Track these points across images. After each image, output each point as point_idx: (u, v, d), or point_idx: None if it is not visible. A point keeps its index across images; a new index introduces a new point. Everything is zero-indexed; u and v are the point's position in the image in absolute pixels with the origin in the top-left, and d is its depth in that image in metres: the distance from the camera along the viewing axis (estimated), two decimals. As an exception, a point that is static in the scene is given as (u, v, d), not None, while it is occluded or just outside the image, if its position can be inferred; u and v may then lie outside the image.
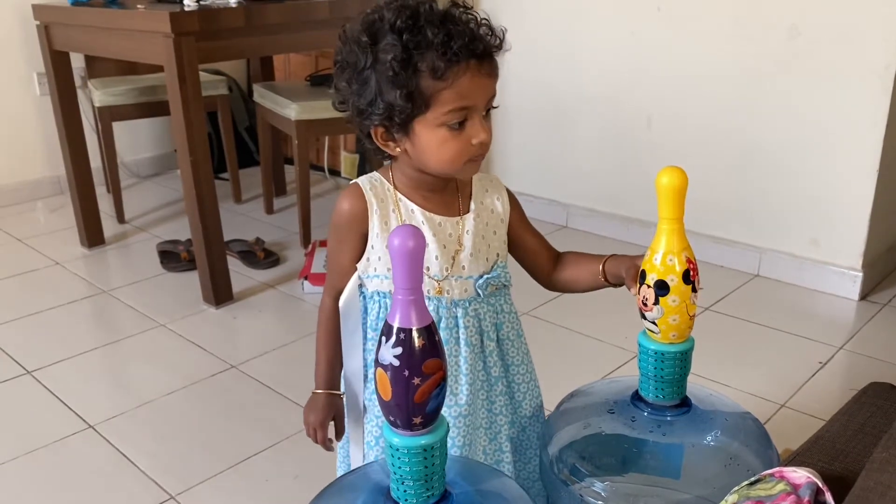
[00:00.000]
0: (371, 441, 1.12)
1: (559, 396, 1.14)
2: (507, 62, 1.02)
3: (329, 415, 1.16)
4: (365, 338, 1.10)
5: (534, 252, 1.16)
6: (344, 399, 1.16)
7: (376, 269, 1.06)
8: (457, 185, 1.09)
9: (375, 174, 1.09)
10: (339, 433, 1.18)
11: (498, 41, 0.98)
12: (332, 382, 1.16)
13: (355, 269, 1.07)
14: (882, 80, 2.25)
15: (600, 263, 1.09)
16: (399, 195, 1.06)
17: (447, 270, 1.06)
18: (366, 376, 1.12)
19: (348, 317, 1.09)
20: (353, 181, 1.08)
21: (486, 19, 0.99)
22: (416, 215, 1.05)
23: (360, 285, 1.08)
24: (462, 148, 0.97)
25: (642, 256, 1.00)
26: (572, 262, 1.15)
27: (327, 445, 1.18)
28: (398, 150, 1.01)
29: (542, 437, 1.07)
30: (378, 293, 1.07)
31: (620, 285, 1.08)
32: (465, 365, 1.07)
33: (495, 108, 1.01)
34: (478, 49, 0.94)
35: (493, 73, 0.98)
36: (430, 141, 0.97)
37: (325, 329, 1.14)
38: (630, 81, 2.82)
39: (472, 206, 1.09)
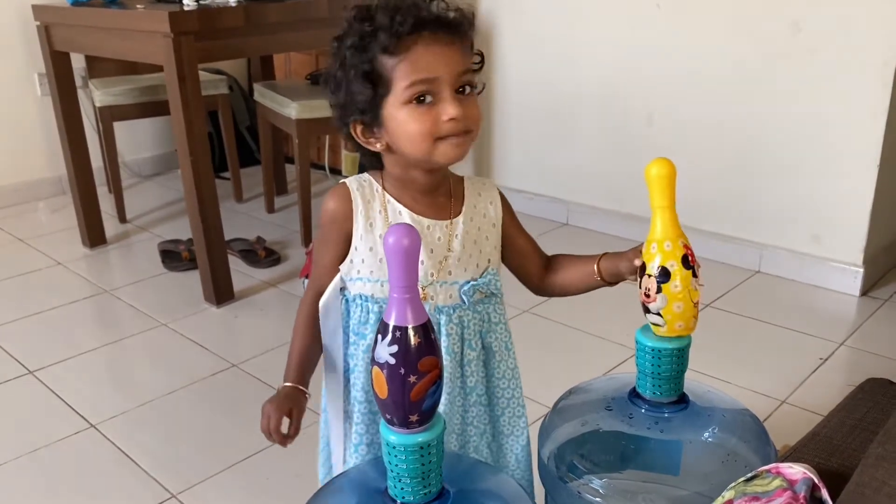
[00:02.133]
0: (350, 449, 1.11)
1: (558, 393, 1.14)
2: (506, 59, 1.02)
3: (285, 406, 1.06)
4: (347, 342, 1.08)
5: (524, 254, 1.13)
6: (323, 400, 1.15)
7: (359, 271, 1.04)
8: (450, 187, 1.07)
9: (365, 175, 1.07)
10: (293, 432, 1.07)
11: (460, 18, 0.97)
12: (299, 378, 1.11)
13: (337, 270, 1.06)
14: (882, 75, 2.25)
15: (594, 263, 1.07)
16: (388, 196, 1.04)
17: (433, 276, 1.03)
18: (347, 380, 1.10)
19: (327, 320, 1.07)
20: (342, 180, 1.07)
21: (459, 8, 0.98)
22: (404, 217, 1.03)
23: (342, 288, 1.07)
24: (430, 124, 0.95)
25: (639, 249, 1.00)
26: (564, 265, 1.12)
27: (279, 437, 1.06)
28: (379, 145, 1.01)
29: (539, 434, 1.08)
30: (360, 296, 1.05)
31: (616, 283, 1.07)
32: (445, 373, 1.04)
33: (479, 90, 0.99)
34: (428, 19, 0.94)
35: (453, 42, 0.96)
36: (400, 122, 0.96)
37: (301, 324, 1.11)
38: (630, 78, 2.82)
39: (464, 209, 1.06)
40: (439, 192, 1.06)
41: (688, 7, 2.61)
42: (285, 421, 1.06)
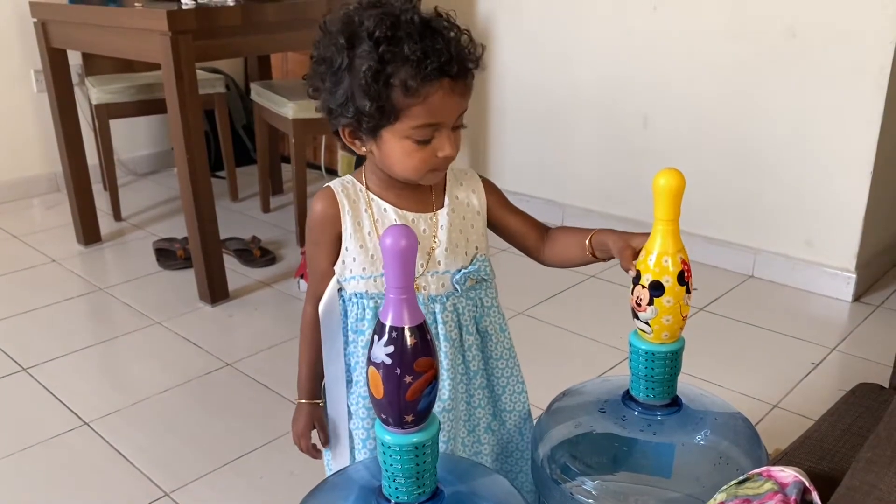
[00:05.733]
0: (359, 445, 1.12)
1: (552, 395, 1.14)
2: (504, 61, 1.03)
3: (310, 424, 1.16)
4: (346, 341, 1.10)
5: (521, 233, 1.15)
6: (327, 409, 1.17)
7: (352, 270, 1.06)
8: None
9: (348, 176, 1.10)
10: (324, 441, 1.18)
11: (474, 62, 0.99)
12: (314, 392, 1.16)
13: (333, 272, 1.07)
14: (876, 80, 2.27)
15: (587, 237, 1.08)
16: (371, 195, 1.07)
17: (422, 267, 1.06)
18: (349, 381, 1.12)
19: (328, 322, 1.09)
20: (326, 185, 1.09)
21: (467, 31, 0.99)
22: (389, 214, 1.06)
23: (340, 289, 1.08)
24: (426, 159, 0.99)
25: (634, 235, 1.01)
26: (561, 238, 1.13)
27: (313, 453, 1.19)
28: (364, 149, 1.03)
29: (533, 435, 1.08)
30: (356, 294, 1.07)
31: (607, 259, 1.07)
32: (446, 360, 1.08)
33: (464, 127, 1.02)
34: (452, 71, 0.94)
35: (465, 92, 0.98)
36: (396, 149, 0.98)
37: (307, 338, 1.14)
38: (626, 81, 2.83)
39: (446, 200, 1.09)
40: (420, 187, 1.08)
41: (684, 11, 2.62)
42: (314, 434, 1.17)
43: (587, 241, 1.07)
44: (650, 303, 0.95)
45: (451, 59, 0.94)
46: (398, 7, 0.95)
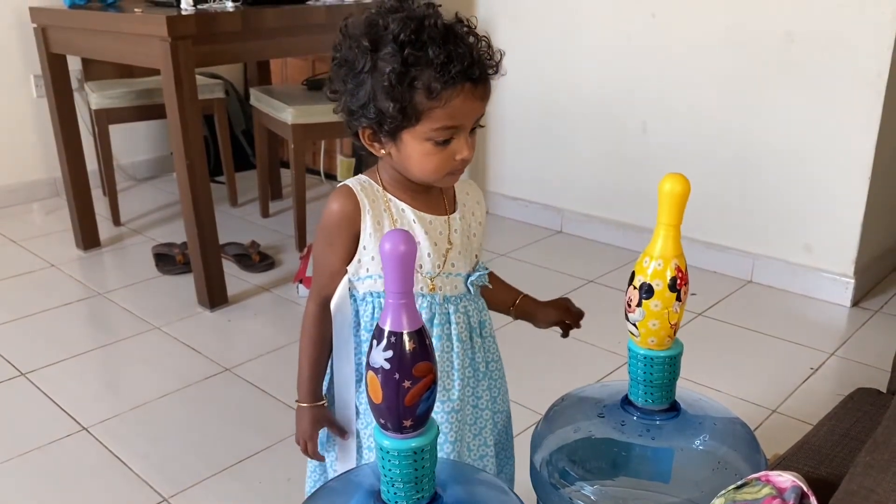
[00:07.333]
0: (371, 444, 1.13)
1: (550, 400, 1.14)
2: (504, 67, 1.04)
3: (317, 426, 1.15)
4: (359, 340, 1.10)
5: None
6: (335, 408, 1.17)
7: (369, 269, 1.06)
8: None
9: (362, 176, 1.10)
10: (342, 434, 1.16)
11: (495, 66, 1.01)
12: (316, 393, 1.15)
13: (345, 272, 1.08)
14: (874, 87, 2.27)
15: (514, 299, 1.22)
16: (388, 195, 1.08)
17: (439, 268, 1.08)
18: (359, 380, 1.12)
19: (340, 322, 1.09)
20: (342, 183, 1.09)
21: (486, 37, 1.01)
22: (407, 214, 1.07)
23: (350, 288, 1.08)
24: (445, 161, 1.00)
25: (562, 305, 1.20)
26: (495, 286, 1.20)
27: (318, 457, 1.18)
28: (383, 151, 1.04)
29: (532, 440, 1.08)
30: (371, 294, 1.07)
31: (517, 319, 1.22)
32: (458, 361, 1.09)
33: (482, 127, 1.04)
34: (474, 74, 0.97)
35: (485, 96, 1.01)
36: (415, 151, 1.00)
37: (310, 337, 1.13)
38: (625, 87, 2.84)
39: (458, 206, 1.12)
40: (432, 190, 1.10)
41: (682, 17, 2.63)
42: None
43: (514, 303, 1.23)
44: (639, 304, 0.96)
45: (474, 64, 0.96)
46: (421, 11, 0.97)
